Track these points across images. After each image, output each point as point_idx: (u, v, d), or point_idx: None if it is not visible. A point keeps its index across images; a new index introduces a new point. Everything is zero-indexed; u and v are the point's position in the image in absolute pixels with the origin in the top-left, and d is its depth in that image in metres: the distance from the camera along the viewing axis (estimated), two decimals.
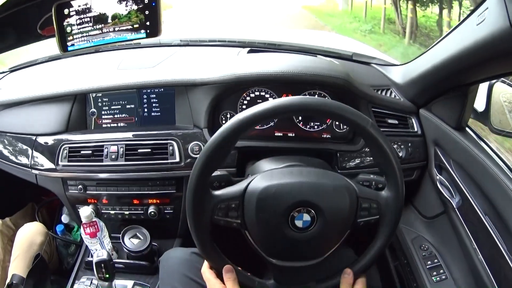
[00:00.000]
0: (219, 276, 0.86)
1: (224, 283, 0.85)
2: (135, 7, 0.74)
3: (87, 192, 1.34)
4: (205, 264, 0.89)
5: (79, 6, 0.73)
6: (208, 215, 0.82)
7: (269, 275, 0.94)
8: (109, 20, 0.75)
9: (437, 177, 1.23)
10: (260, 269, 1.12)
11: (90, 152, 1.28)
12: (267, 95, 1.31)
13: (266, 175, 0.84)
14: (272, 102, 0.79)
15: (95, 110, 1.36)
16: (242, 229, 0.84)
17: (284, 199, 0.80)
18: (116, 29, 0.76)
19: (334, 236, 0.85)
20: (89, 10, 0.74)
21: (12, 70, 1.63)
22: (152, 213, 1.33)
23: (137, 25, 0.76)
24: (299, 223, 0.80)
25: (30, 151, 1.33)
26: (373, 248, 0.87)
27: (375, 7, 9.66)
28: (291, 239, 0.81)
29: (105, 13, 0.75)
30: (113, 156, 1.27)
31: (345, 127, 1.33)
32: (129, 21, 0.75)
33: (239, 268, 0.88)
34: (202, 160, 0.79)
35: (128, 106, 1.36)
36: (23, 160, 1.34)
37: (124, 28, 0.76)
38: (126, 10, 0.75)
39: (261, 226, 0.82)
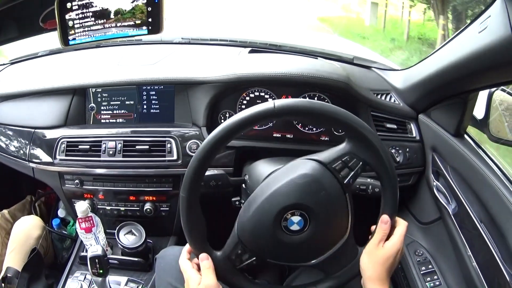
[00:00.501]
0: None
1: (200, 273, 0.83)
2: (138, 3, 0.74)
3: (84, 187, 1.33)
4: (183, 254, 0.88)
5: (81, 0, 0.73)
6: (231, 269, 0.84)
7: (264, 277, 0.94)
8: (112, 16, 0.75)
9: (434, 183, 1.24)
10: (255, 269, 1.12)
11: (88, 147, 1.28)
12: (266, 96, 1.31)
13: (245, 208, 0.84)
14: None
15: (94, 105, 1.36)
16: (264, 260, 0.84)
17: (266, 220, 0.80)
18: (118, 24, 0.76)
19: (338, 211, 0.83)
20: (91, 4, 0.74)
21: (13, 62, 1.63)
22: (148, 210, 1.33)
23: (139, 22, 0.76)
24: (294, 227, 0.80)
25: (28, 144, 1.32)
26: (385, 185, 0.83)
27: (406, 22, 7.98)
28: (303, 241, 0.81)
29: (107, 8, 0.75)
30: (110, 152, 1.27)
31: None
32: (133, 17, 0.75)
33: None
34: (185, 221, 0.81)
35: (127, 102, 1.36)
36: (21, 152, 1.34)
37: (126, 24, 0.76)
38: (129, 6, 0.74)
39: (272, 250, 0.83)
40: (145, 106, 1.36)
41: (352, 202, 0.83)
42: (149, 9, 0.75)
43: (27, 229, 1.40)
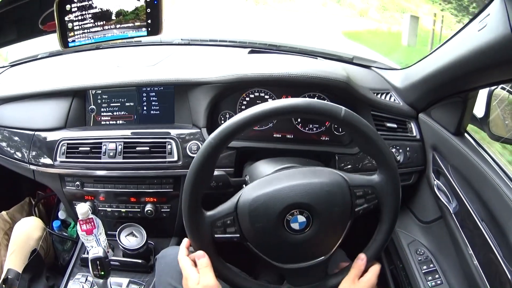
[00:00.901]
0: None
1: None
2: (136, 4, 0.74)
3: (84, 188, 1.33)
4: (181, 251, 0.87)
5: (81, 2, 0.73)
6: (208, 236, 0.82)
7: (267, 277, 0.94)
8: (113, 17, 0.75)
9: (435, 182, 1.24)
10: (255, 269, 1.12)
11: (89, 148, 1.28)
12: (266, 96, 1.31)
13: (254, 186, 0.84)
14: (242, 114, 0.79)
15: (94, 107, 1.36)
16: (244, 242, 0.83)
17: (274, 205, 0.80)
18: (118, 26, 0.76)
19: (336, 230, 0.84)
20: (90, 6, 0.74)
21: (12, 64, 1.63)
22: (149, 211, 1.33)
23: (138, 23, 0.76)
24: (295, 226, 0.80)
25: (28, 146, 1.32)
26: (380, 232, 0.86)
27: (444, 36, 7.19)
28: (292, 242, 0.81)
29: (107, 10, 0.75)
30: (111, 154, 1.27)
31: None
32: (136, 18, 0.75)
33: (228, 264, 0.88)
34: (190, 181, 0.80)
35: (127, 104, 1.36)
36: (21, 155, 1.33)
37: (126, 25, 0.76)
38: (131, 7, 0.74)
39: (260, 235, 0.82)
40: (145, 108, 1.36)
41: (348, 229, 0.84)
42: (148, 10, 0.75)
43: (27, 230, 1.40)
